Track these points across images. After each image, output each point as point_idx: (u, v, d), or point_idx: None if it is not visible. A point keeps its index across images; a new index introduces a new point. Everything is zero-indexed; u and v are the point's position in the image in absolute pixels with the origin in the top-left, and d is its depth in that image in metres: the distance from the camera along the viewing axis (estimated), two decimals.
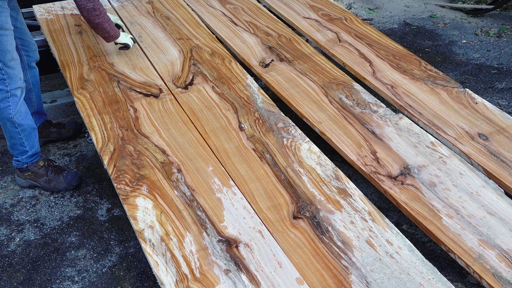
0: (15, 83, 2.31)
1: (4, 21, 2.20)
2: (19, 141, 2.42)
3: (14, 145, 2.44)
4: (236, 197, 2.06)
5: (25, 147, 2.45)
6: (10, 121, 2.36)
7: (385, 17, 4.62)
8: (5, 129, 2.41)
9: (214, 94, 2.70)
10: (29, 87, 2.67)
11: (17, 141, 2.42)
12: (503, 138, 2.46)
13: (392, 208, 2.39)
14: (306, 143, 2.37)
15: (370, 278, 1.75)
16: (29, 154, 2.47)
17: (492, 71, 3.67)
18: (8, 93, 2.30)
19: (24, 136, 2.42)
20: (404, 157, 2.32)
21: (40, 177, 2.52)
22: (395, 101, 2.71)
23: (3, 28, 2.20)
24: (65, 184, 2.52)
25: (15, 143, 2.43)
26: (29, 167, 2.50)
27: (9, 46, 2.25)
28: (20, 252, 2.20)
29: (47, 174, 2.52)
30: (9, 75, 2.28)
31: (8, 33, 2.23)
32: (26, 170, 2.51)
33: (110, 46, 3.08)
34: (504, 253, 1.87)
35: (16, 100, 2.34)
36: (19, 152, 2.46)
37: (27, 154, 2.47)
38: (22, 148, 2.45)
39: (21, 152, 2.46)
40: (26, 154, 2.47)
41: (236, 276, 1.74)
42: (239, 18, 3.53)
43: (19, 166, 2.51)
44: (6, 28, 2.22)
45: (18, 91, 2.34)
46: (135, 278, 2.08)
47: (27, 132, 2.42)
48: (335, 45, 3.21)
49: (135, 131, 2.41)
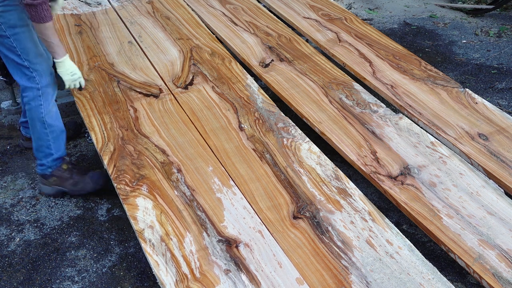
0: (45, 78, 2.24)
1: (16, 19, 2.12)
2: (46, 143, 2.34)
3: (40, 147, 2.35)
4: (236, 197, 2.06)
5: (51, 149, 2.36)
6: (40, 121, 2.28)
7: (385, 17, 4.62)
8: (34, 129, 2.32)
9: (214, 94, 2.70)
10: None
11: (44, 143, 2.34)
12: (503, 138, 2.45)
13: (392, 208, 2.39)
14: (306, 143, 2.37)
15: (370, 278, 1.75)
16: (54, 157, 2.37)
17: (492, 71, 3.67)
18: (40, 91, 2.23)
19: (52, 138, 2.34)
20: (404, 157, 2.32)
21: (65, 180, 2.42)
22: (395, 101, 2.71)
23: (17, 26, 2.13)
24: (92, 185, 2.43)
25: (41, 145, 2.34)
26: (53, 172, 2.40)
27: (29, 42, 2.17)
28: (20, 252, 2.20)
29: (72, 176, 2.42)
30: (38, 72, 2.21)
31: (24, 29, 2.15)
32: (50, 176, 2.41)
33: (110, 46, 3.08)
34: (504, 253, 1.87)
35: (48, 98, 2.27)
36: (44, 154, 2.36)
37: (52, 157, 2.37)
38: (48, 150, 2.35)
39: (46, 155, 2.36)
40: (51, 157, 2.37)
41: (236, 276, 1.74)
42: (239, 18, 3.53)
43: (43, 172, 2.40)
44: (21, 25, 2.14)
45: (49, 88, 2.26)
46: (135, 278, 2.08)
47: (55, 134, 2.34)
48: (335, 45, 3.21)
49: (135, 131, 2.41)
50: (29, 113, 2.29)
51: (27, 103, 2.27)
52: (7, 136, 2.94)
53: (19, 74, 2.22)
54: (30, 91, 2.24)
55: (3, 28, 2.11)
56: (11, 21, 2.10)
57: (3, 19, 2.09)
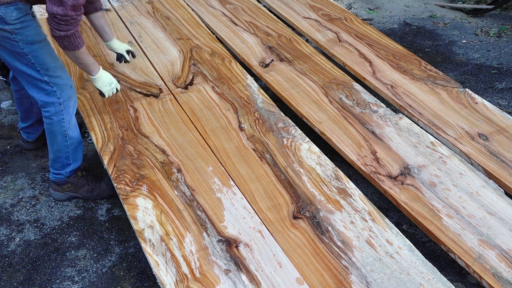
0: (66, 92, 2.17)
1: (34, 35, 2.04)
2: (65, 154, 2.29)
3: (59, 158, 2.30)
4: (236, 197, 2.06)
5: (69, 160, 2.31)
6: (62, 135, 2.23)
7: (385, 17, 4.62)
8: (54, 142, 2.26)
9: (214, 94, 2.70)
10: (32, 100, 2.54)
11: (63, 155, 2.28)
12: (503, 138, 2.45)
13: (392, 208, 2.39)
14: (306, 143, 2.37)
15: (370, 278, 1.75)
16: (71, 167, 2.34)
17: (492, 71, 3.67)
18: (61, 105, 2.16)
19: (71, 150, 2.29)
20: (404, 157, 2.32)
21: (81, 187, 2.40)
22: (395, 101, 2.71)
23: (35, 42, 2.05)
24: (109, 191, 2.42)
25: (60, 157, 2.29)
26: (68, 179, 2.36)
27: (48, 57, 2.10)
28: (20, 252, 2.20)
29: (88, 183, 2.40)
30: (59, 86, 2.14)
31: (42, 44, 2.08)
32: (65, 182, 2.37)
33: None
34: (504, 253, 1.87)
35: (70, 111, 2.20)
36: (61, 165, 2.32)
37: (69, 167, 2.33)
38: (66, 161, 2.31)
39: (64, 166, 2.32)
40: (69, 168, 2.33)
41: (236, 276, 1.74)
42: (239, 18, 3.53)
43: (58, 180, 2.36)
44: (39, 40, 2.06)
45: (71, 102, 2.20)
46: (135, 278, 2.08)
47: (75, 145, 2.30)
48: (335, 45, 3.21)
49: (135, 131, 2.41)
50: (50, 127, 2.22)
51: (48, 118, 2.19)
52: (7, 136, 2.94)
53: (37, 89, 2.14)
54: (51, 106, 2.16)
55: (21, 45, 2.01)
56: (28, 37, 2.02)
57: (20, 36, 2.00)
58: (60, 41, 1.99)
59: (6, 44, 2.01)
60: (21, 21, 1.98)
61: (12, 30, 1.97)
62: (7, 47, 2.02)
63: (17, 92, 2.53)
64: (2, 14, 1.94)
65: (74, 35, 1.99)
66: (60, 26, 1.92)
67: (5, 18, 1.94)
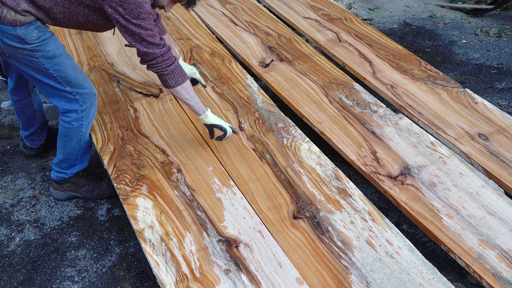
0: (89, 100, 2.17)
1: (53, 49, 2.02)
2: (75, 156, 2.30)
3: (68, 160, 2.30)
4: (236, 197, 2.06)
5: (76, 162, 2.32)
6: (78, 139, 2.24)
7: (385, 17, 4.62)
8: (67, 145, 2.25)
9: (214, 94, 2.70)
10: (35, 108, 2.54)
11: (72, 157, 2.29)
12: (503, 138, 2.45)
13: (392, 208, 2.39)
14: (306, 143, 2.37)
15: (370, 278, 1.75)
16: (76, 169, 2.35)
17: (492, 71, 3.67)
18: (84, 112, 2.17)
19: (81, 153, 2.31)
20: (404, 157, 2.32)
21: (81, 187, 2.40)
22: (395, 101, 2.71)
23: (56, 56, 2.03)
24: (109, 191, 2.42)
25: (69, 158, 2.29)
26: (69, 179, 2.37)
27: (70, 69, 2.08)
28: (20, 252, 2.20)
29: (88, 183, 2.40)
30: (81, 95, 2.14)
31: (63, 58, 2.06)
32: (65, 182, 2.37)
33: (110, 46, 3.08)
34: (504, 253, 1.87)
35: (89, 117, 2.22)
36: (67, 166, 2.32)
37: (75, 169, 2.34)
38: (74, 162, 2.32)
39: (70, 166, 2.33)
40: (74, 169, 2.34)
41: (236, 276, 1.74)
42: (239, 18, 3.53)
43: (59, 179, 2.37)
44: (59, 54, 2.04)
45: (92, 108, 2.21)
46: (135, 278, 2.08)
47: (85, 149, 2.32)
48: (335, 45, 3.21)
49: (135, 131, 2.41)
50: (67, 131, 2.22)
51: (68, 123, 2.19)
52: (7, 136, 2.94)
53: (57, 97, 2.13)
54: (73, 113, 2.16)
55: (42, 61, 2.00)
56: (49, 53, 2.00)
57: (41, 53, 1.98)
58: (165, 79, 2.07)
59: (26, 61, 2.00)
60: (40, 40, 1.97)
61: (32, 48, 1.96)
62: (28, 64, 2.01)
63: (17, 102, 2.50)
64: (23, 35, 1.92)
65: (176, 69, 2.06)
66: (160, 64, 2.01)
67: (25, 38, 1.93)
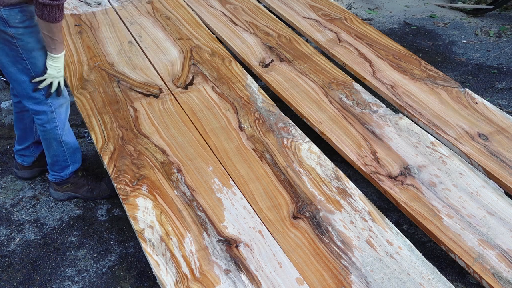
0: (58, 100, 2.17)
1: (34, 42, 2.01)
2: (63, 158, 2.31)
3: (57, 162, 2.32)
4: (236, 197, 2.06)
5: (67, 163, 2.34)
6: (57, 141, 2.24)
7: (385, 17, 4.62)
8: (49, 148, 2.28)
9: (214, 94, 2.70)
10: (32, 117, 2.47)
11: (60, 158, 2.31)
12: (503, 138, 2.45)
13: (392, 208, 2.39)
14: (306, 143, 2.37)
15: (370, 278, 1.75)
16: (70, 169, 2.37)
17: (492, 71, 3.67)
18: (53, 113, 2.17)
19: (68, 154, 2.31)
20: (404, 157, 2.32)
21: (81, 187, 2.42)
22: (395, 101, 2.71)
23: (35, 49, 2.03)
24: (109, 191, 2.44)
25: (57, 160, 2.32)
26: (68, 179, 2.39)
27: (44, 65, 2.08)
28: (20, 252, 2.20)
29: (88, 183, 2.42)
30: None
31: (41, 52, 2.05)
32: (65, 182, 2.39)
33: (110, 46, 3.08)
34: (504, 253, 1.87)
35: (62, 118, 2.21)
36: (60, 168, 2.35)
37: (69, 169, 2.37)
38: (65, 164, 2.34)
39: (62, 168, 2.35)
40: (67, 170, 2.37)
41: (236, 276, 1.74)
42: (239, 18, 3.53)
43: (58, 180, 2.39)
44: (39, 48, 2.03)
45: (62, 109, 2.20)
46: (135, 278, 2.08)
47: (72, 150, 2.32)
48: (335, 45, 3.21)
49: (135, 131, 2.41)
50: (44, 134, 2.23)
51: (41, 126, 2.20)
52: (7, 136, 2.94)
53: (27, 98, 2.13)
54: (43, 115, 2.16)
55: (20, 51, 2.00)
56: (29, 44, 2.00)
57: (22, 42, 1.98)
58: (41, 9, 1.88)
59: (6, 48, 2.00)
60: (25, 25, 1.96)
61: (13, 35, 1.96)
62: (7, 51, 2.01)
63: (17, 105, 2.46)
64: (6, 16, 1.91)
65: (58, 6, 1.89)
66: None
67: (8, 20, 1.92)
